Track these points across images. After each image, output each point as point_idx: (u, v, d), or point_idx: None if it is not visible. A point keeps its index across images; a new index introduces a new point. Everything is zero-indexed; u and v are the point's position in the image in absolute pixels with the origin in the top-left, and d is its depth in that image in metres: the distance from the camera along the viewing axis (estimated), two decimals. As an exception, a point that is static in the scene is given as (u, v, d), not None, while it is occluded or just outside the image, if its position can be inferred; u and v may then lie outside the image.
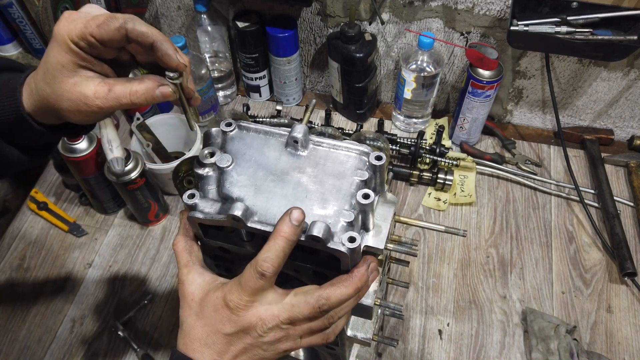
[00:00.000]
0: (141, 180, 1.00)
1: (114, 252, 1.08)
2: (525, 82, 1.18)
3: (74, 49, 0.50)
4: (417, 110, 1.21)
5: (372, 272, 0.51)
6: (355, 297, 0.50)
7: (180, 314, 0.52)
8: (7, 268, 1.06)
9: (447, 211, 1.13)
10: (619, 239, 1.04)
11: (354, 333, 0.65)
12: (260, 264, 0.46)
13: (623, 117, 1.20)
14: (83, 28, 0.49)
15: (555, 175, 1.18)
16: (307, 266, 0.52)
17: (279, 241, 0.45)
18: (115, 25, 0.49)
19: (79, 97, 0.51)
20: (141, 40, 0.50)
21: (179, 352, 0.49)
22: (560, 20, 0.97)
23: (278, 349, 0.49)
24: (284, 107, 1.32)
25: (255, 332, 0.48)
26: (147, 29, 0.50)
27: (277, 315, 0.48)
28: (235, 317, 0.48)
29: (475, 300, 1.00)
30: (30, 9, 0.96)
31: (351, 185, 0.50)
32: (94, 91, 0.51)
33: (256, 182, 0.50)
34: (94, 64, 0.52)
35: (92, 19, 0.50)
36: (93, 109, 0.52)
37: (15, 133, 0.57)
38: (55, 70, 0.51)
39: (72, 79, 0.51)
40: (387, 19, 1.13)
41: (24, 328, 0.98)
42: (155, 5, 1.25)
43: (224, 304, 0.48)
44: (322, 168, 0.51)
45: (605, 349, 0.94)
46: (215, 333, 0.48)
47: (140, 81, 0.52)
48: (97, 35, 0.49)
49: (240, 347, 0.48)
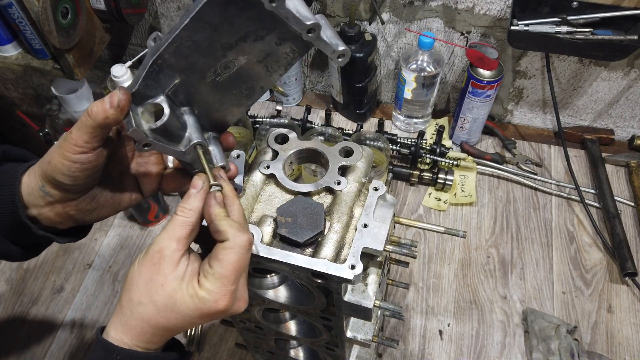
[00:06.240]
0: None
1: (113, 252, 1.08)
2: (525, 82, 1.18)
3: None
4: (417, 110, 1.21)
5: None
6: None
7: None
8: (7, 268, 1.06)
9: (447, 211, 1.13)
10: (620, 239, 1.04)
11: (353, 334, 0.65)
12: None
13: (623, 116, 1.20)
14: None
15: (555, 175, 1.18)
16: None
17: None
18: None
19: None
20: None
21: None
22: (561, 20, 0.97)
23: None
24: (284, 107, 1.32)
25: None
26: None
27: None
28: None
29: (475, 301, 1.00)
30: (30, 9, 0.95)
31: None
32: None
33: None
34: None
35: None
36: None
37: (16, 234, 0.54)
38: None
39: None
40: (387, 19, 1.13)
41: (24, 328, 0.98)
42: (155, 5, 1.25)
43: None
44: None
45: (606, 349, 0.94)
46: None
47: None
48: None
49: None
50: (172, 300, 0.44)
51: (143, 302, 0.45)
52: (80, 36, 1.05)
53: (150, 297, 0.45)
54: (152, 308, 0.45)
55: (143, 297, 0.45)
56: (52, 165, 0.48)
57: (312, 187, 0.55)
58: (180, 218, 0.46)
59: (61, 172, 0.48)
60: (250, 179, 0.57)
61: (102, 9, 1.06)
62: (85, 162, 0.47)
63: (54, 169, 0.48)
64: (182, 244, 0.45)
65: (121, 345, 0.45)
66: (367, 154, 0.59)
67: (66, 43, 1.01)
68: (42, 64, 1.11)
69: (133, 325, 0.45)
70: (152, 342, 0.46)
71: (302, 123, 1.19)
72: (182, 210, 0.46)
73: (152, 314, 0.45)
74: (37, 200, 0.51)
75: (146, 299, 0.45)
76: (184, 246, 0.46)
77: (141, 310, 0.45)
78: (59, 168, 0.48)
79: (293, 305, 0.60)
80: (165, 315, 0.45)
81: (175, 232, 0.45)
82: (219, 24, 0.43)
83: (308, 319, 0.64)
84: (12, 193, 0.50)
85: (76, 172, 0.48)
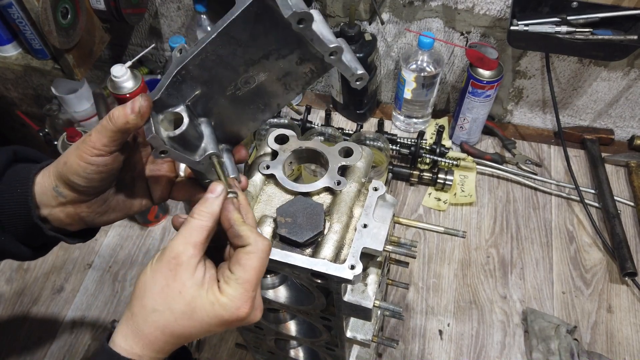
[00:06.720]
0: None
1: (113, 252, 1.08)
2: (525, 82, 1.18)
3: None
4: (417, 110, 1.21)
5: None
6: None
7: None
8: (7, 268, 1.06)
9: (447, 211, 1.13)
10: (620, 238, 1.04)
11: (353, 334, 0.65)
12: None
13: (623, 116, 1.20)
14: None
15: (555, 175, 1.18)
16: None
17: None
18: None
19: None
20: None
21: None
22: (561, 20, 0.97)
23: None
24: (284, 107, 1.32)
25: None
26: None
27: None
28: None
29: (475, 301, 1.00)
30: (30, 9, 0.95)
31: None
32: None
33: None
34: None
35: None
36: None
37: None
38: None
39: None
40: (387, 19, 1.13)
41: (24, 328, 0.98)
42: (155, 5, 1.25)
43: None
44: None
45: (606, 349, 0.94)
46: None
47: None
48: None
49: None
50: (191, 308, 0.43)
51: (158, 309, 0.43)
52: (80, 36, 1.05)
53: (167, 304, 0.43)
54: (169, 315, 0.43)
55: (158, 304, 0.43)
56: (67, 166, 0.48)
57: (312, 187, 0.55)
58: (198, 222, 0.44)
59: (77, 173, 0.48)
60: (250, 179, 0.57)
61: (102, 9, 1.06)
62: (101, 164, 0.48)
63: (69, 170, 0.48)
64: (198, 249, 0.44)
65: (130, 356, 0.43)
66: (367, 154, 0.59)
67: (66, 43, 1.02)
68: (42, 64, 1.11)
69: (146, 333, 0.44)
70: (164, 350, 0.45)
71: (302, 123, 1.19)
72: (200, 214, 0.45)
73: (168, 322, 0.43)
74: (50, 200, 0.51)
75: (162, 306, 0.43)
76: (201, 252, 0.45)
77: (156, 318, 0.43)
78: (74, 169, 0.48)
79: (293, 306, 0.60)
80: (182, 323, 0.43)
81: (192, 237, 0.44)
82: (245, 40, 0.45)
83: (308, 319, 0.64)
84: (25, 193, 0.50)
85: (91, 174, 0.48)
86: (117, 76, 0.98)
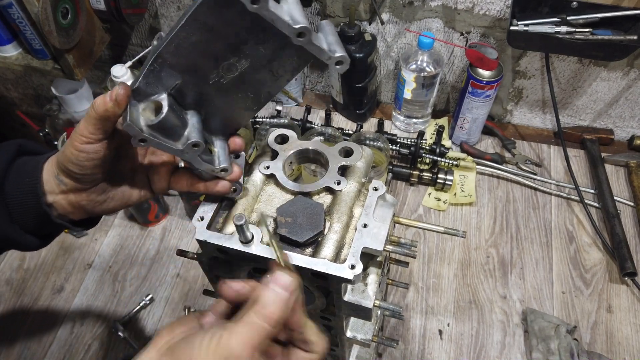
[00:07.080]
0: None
1: (114, 252, 1.08)
2: (525, 82, 1.18)
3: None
4: (417, 110, 1.21)
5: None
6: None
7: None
8: (7, 268, 1.06)
9: (447, 211, 1.13)
10: (619, 238, 1.04)
11: (353, 334, 0.65)
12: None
13: (623, 116, 1.20)
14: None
15: (555, 175, 1.18)
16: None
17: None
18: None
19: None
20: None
21: None
22: (560, 20, 0.97)
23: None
24: (284, 107, 1.32)
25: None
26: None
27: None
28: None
29: (475, 301, 1.00)
30: (30, 10, 0.95)
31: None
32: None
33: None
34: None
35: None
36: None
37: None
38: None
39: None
40: (387, 19, 1.13)
41: (24, 328, 0.98)
42: (155, 5, 1.25)
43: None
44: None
45: (606, 349, 0.94)
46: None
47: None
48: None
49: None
50: None
51: None
52: (80, 36, 1.05)
53: None
54: None
55: None
56: (64, 155, 0.51)
57: (312, 187, 0.56)
58: (266, 328, 0.40)
59: (70, 161, 0.50)
60: (250, 179, 0.57)
61: (102, 9, 1.06)
62: (91, 152, 0.50)
63: (65, 158, 0.51)
64: (259, 351, 0.40)
65: None
66: (366, 154, 0.59)
67: (66, 43, 1.02)
68: (42, 64, 1.11)
69: None
70: None
71: (302, 123, 1.19)
72: (270, 321, 0.40)
73: None
74: (54, 187, 0.54)
75: None
76: (261, 354, 0.41)
77: None
78: (69, 157, 0.50)
79: (293, 305, 0.60)
80: None
81: (254, 340, 0.40)
82: (217, 25, 0.43)
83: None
84: (34, 181, 0.53)
85: (83, 162, 0.50)
86: (117, 76, 0.98)
